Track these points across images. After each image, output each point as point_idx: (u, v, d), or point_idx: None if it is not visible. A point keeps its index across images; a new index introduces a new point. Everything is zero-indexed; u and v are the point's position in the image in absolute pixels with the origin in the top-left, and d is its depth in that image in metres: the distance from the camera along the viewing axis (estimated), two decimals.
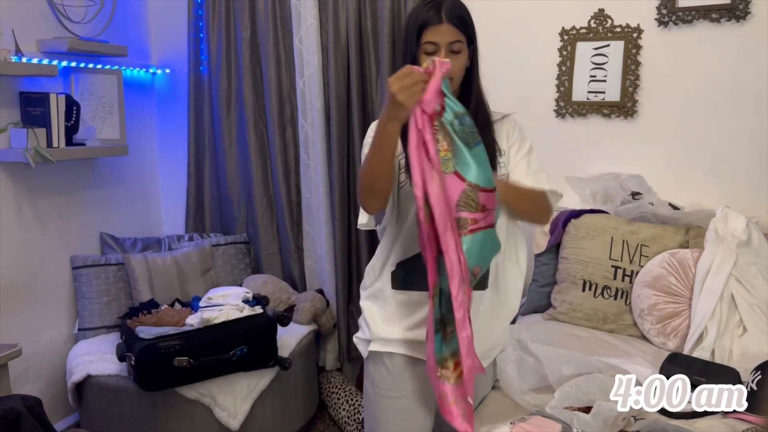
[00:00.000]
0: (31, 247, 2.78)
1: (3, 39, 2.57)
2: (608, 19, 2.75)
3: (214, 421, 2.50)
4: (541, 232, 2.71)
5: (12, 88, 2.66)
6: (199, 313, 2.64)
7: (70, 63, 2.90)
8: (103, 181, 3.16)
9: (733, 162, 2.66)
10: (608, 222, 2.56)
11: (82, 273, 2.92)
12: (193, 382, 2.47)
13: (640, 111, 2.76)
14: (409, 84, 1.38)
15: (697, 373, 1.96)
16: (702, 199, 2.66)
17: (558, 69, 2.85)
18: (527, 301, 2.71)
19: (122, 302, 2.94)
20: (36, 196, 2.80)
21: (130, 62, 3.24)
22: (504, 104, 2.94)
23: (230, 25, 3.21)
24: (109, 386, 2.57)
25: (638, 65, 2.73)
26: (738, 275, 2.26)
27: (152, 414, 2.51)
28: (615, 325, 2.44)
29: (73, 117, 2.77)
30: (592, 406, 1.65)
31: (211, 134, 3.33)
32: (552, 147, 2.89)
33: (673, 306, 2.33)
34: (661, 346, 2.31)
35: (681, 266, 2.36)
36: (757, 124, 2.60)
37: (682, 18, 2.64)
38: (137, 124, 3.33)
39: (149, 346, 2.37)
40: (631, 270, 2.45)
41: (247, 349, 2.50)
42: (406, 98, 1.38)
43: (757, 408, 1.75)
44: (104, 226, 3.16)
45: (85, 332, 2.89)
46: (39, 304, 2.83)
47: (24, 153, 2.53)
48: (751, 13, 2.56)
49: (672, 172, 2.74)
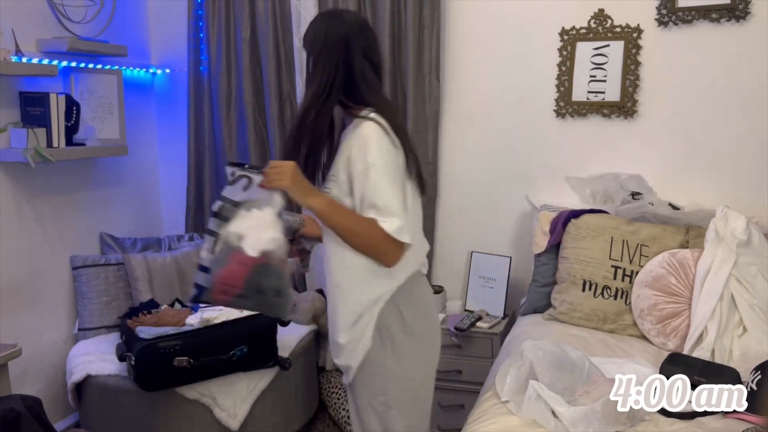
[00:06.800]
0: (31, 247, 2.78)
1: (3, 39, 2.57)
2: (608, 19, 2.75)
3: (214, 421, 2.49)
4: (541, 232, 2.71)
5: (12, 88, 2.66)
6: (199, 313, 2.64)
7: (70, 63, 2.90)
8: (103, 181, 3.16)
9: (733, 162, 2.66)
10: (608, 222, 2.56)
11: (82, 273, 2.92)
12: (193, 382, 2.47)
13: (640, 111, 2.76)
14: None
15: (697, 373, 1.96)
16: (702, 199, 2.66)
17: (558, 69, 2.84)
18: (527, 301, 2.71)
19: (122, 302, 2.94)
20: (36, 196, 2.79)
21: (130, 62, 3.23)
22: (503, 105, 2.97)
23: (230, 25, 3.21)
24: (108, 386, 2.57)
25: (638, 65, 2.73)
26: (738, 275, 2.26)
27: (152, 414, 2.50)
28: (615, 325, 2.44)
29: (73, 117, 2.77)
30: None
31: (211, 134, 3.32)
32: (552, 147, 2.90)
33: (673, 306, 2.33)
34: (661, 346, 2.31)
35: (681, 266, 2.36)
36: (757, 124, 2.60)
37: (682, 18, 2.64)
38: (137, 124, 3.32)
39: (149, 346, 2.37)
40: (631, 270, 2.45)
41: (247, 349, 2.50)
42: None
43: (757, 408, 1.75)
44: (104, 226, 3.15)
45: (85, 332, 2.89)
46: (39, 304, 2.83)
47: (24, 153, 2.53)
48: (751, 13, 2.56)
49: (672, 172, 2.74)
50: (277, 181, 1.59)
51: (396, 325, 1.69)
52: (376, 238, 1.58)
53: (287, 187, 1.59)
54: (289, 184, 1.58)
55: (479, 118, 3.00)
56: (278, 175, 1.59)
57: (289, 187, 1.59)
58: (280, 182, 1.59)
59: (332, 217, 1.62)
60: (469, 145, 3.03)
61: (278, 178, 1.59)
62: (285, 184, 1.58)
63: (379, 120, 1.63)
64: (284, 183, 1.58)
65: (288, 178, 1.58)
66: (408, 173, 1.67)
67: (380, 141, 1.61)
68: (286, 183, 1.58)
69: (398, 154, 1.64)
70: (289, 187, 1.59)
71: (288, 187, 1.59)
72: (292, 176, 1.59)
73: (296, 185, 1.59)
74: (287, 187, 1.59)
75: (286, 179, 1.58)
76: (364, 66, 1.68)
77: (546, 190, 2.92)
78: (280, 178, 1.59)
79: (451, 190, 3.09)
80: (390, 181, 1.60)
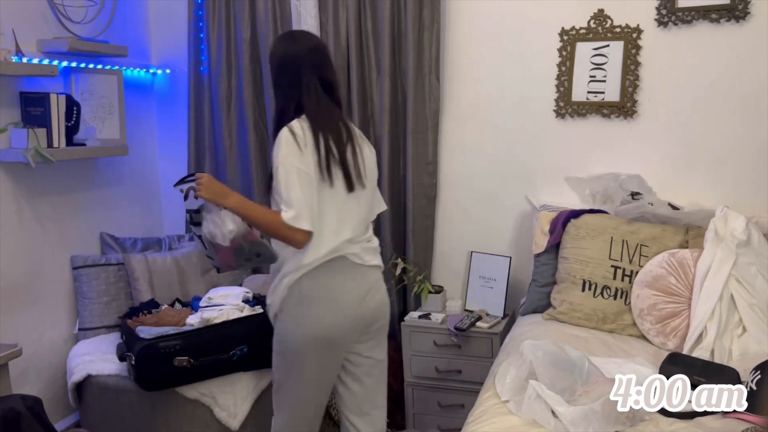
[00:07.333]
0: (32, 247, 2.78)
1: (3, 39, 2.57)
2: (608, 19, 2.75)
3: (215, 420, 2.50)
4: (541, 232, 2.72)
5: (12, 88, 2.66)
6: (200, 312, 2.64)
7: (71, 63, 2.90)
8: (104, 181, 3.16)
9: (732, 162, 2.66)
10: (608, 222, 2.56)
11: (82, 273, 2.92)
12: (194, 382, 2.47)
13: (640, 111, 2.76)
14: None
15: (697, 373, 1.96)
16: (701, 199, 2.66)
17: (558, 69, 2.85)
18: (527, 301, 2.72)
19: (122, 302, 2.94)
20: (36, 196, 2.80)
21: (130, 62, 3.24)
22: (503, 104, 2.97)
23: (230, 25, 3.21)
24: (109, 386, 2.57)
25: (638, 65, 2.73)
26: (738, 275, 2.26)
27: (152, 414, 2.51)
28: (615, 325, 2.44)
29: (74, 117, 2.77)
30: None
31: (211, 134, 3.33)
32: (551, 147, 2.90)
33: (673, 306, 2.33)
34: (661, 346, 2.31)
35: (681, 266, 2.36)
36: (757, 125, 2.60)
37: (682, 18, 2.64)
38: (137, 124, 3.32)
39: (149, 346, 2.37)
40: (631, 270, 2.45)
41: (248, 349, 2.50)
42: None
43: (756, 408, 1.75)
44: (104, 226, 3.16)
45: (85, 332, 2.89)
46: (39, 304, 2.83)
47: (24, 153, 2.53)
48: (751, 13, 2.56)
49: (671, 172, 2.74)
50: (198, 192, 1.97)
51: (295, 296, 2.00)
52: (278, 225, 1.90)
53: (203, 197, 1.97)
54: (203, 195, 1.96)
55: (479, 117, 3.00)
56: (198, 187, 1.97)
57: (204, 197, 1.96)
58: (199, 194, 1.97)
59: (244, 213, 1.95)
60: (468, 144, 3.03)
61: (198, 189, 1.97)
62: (201, 195, 1.97)
63: (292, 127, 1.94)
64: (200, 194, 1.97)
65: (202, 190, 1.96)
66: (320, 171, 1.95)
67: (288, 145, 1.92)
68: (201, 194, 1.96)
69: (304, 156, 1.92)
70: (204, 197, 1.97)
71: (204, 197, 1.97)
72: (205, 188, 1.96)
73: (209, 193, 1.96)
74: (203, 197, 1.97)
75: (201, 191, 1.96)
76: (311, 82, 2.00)
77: (546, 190, 2.92)
78: (198, 189, 1.97)
79: (451, 190, 3.09)
80: (291, 179, 1.90)
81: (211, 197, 1.96)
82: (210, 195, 1.96)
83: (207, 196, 1.97)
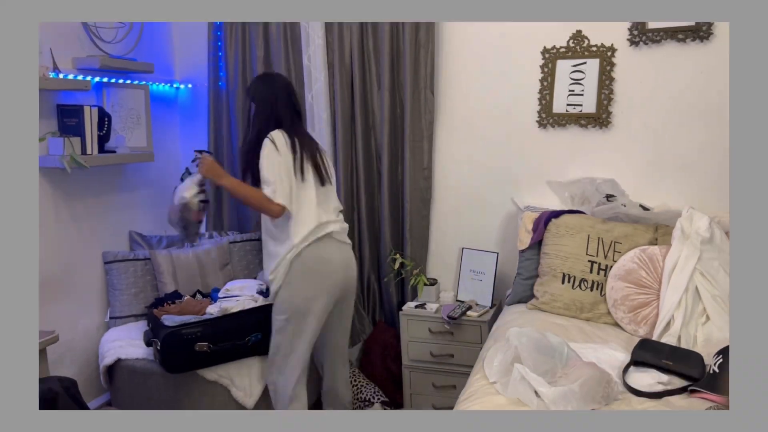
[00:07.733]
0: (68, 244, 2.79)
1: (42, 57, 2.58)
2: (585, 39, 2.75)
3: (232, 399, 2.50)
4: (525, 230, 2.72)
5: (50, 101, 2.66)
6: (218, 303, 2.65)
7: (102, 78, 2.90)
8: (132, 184, 3.16)
9: (697, 167, 2.66)
10: (585, 221, 2.56)
11: (113, 267, 2.92)
12: (213, 365, 2.47)
13: (614, 122, 2.77)
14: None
15: (665, 356, 1.97)
16: (669, 200, 2.67)
17: (540, 84, 2.85)
18: (512, 293, 2.72)
19: (149, 293, 2.94)
20: (72, 198, 2.80)
21: (156, 78, 3.24)
22: (491, 116, 2.97)
23: (246, 44, 3.21)
24: (137, 369, 2.57)
25: (612, 80, 2.73)
26: (702, 269, 2.27)
27: (176, 394, 2.51)
28: (591, 314, 2.44)
29: (105, 127, 2.78)
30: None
31: (229, 142, 3.33)
32: (534, 154, 2.91)
33: (644, 297, 2.33)
34: (633, 333, 2.32)
35: (651, 261, 2.36)
36: (718, 134, 2.61)
37: (652, 38, 2.64)
38: (162, 134, 3.33)
39: (173, 333, 2.37)
40: (606, 264, 2.46)
41: (261, 336, 2.51)
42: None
43: (718, 388, 1.76)
44: (133, 225, 3.16)
45: (115, 320, 2.89)
46: (74, 295, 2.83)
47: (61, 159, 2.54)
48: (714, 34, 2.56)
49: (642, 176, 2.75)
50: (199, 168, 2.33)
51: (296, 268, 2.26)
52: (260, 199, 2.20)
53: (203, 174, 2.33)
54: (204, 173, 2.32)
55: (470, 128, 3.00)
56: (201, 165, 2.32)
57: (204, 174, 2.32)
58: (200, 170, 2.33)
59: (236, 191, 2.27)
60: (460, 152, 3.03)
61: (200, 166, 2.32)
62: (201, 172, 2.33)
63: (272, 136, 2.24)
64: (201, 171, 2.33)
65: (203, 169, 2.32)
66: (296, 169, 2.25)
67: (269, 148, 2.23)
68: (202, 171, 2.33)
69: (281, 156, 2.22)
70: (204, 174, 2.32)
71: (204, 174, 2.33)
72: (207, 168, 2.31)
73: (210, 172, 2.31)
74: (203, 174, 2.33)
75: (203, 169, 2.32)
76: (286, 111, 2.34)
77: (529, 193, 2.92)
78: (201, 167, 2.32)
79: (444, 193, 3.09)
80: (270, 169, 2.20)
81: (207, 174, 2.31)
82: (207, 172, 2.31)
83: (204, 172, 2.31)
